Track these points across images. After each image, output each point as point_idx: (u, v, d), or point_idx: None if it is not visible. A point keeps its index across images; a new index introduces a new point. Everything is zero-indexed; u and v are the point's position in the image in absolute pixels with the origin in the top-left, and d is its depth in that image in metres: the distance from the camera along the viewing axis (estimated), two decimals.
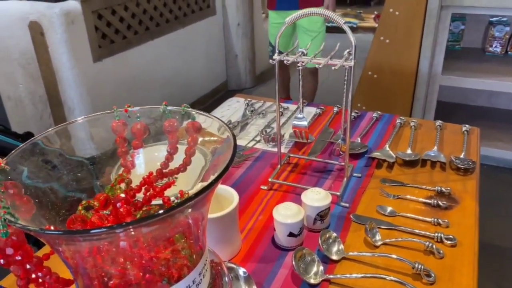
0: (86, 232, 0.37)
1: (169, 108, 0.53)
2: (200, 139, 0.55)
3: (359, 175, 0.99)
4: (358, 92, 2.55)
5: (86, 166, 0.55)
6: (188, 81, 3.32)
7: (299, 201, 0.82)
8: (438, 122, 1.19)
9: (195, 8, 3.24)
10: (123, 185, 0.52)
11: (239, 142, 1.17)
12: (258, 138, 1.18)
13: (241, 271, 0.69)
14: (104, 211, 0.48)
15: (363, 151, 1.08)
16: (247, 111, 1.34)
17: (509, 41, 2.47)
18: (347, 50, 0.84)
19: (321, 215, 0.81)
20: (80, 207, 0.47)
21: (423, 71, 2.25)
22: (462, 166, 0.99)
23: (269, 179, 0.96)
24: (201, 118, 0.52)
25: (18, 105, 2.52)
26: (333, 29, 5.56)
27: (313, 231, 0.82)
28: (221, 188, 0.79)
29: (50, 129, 0.51)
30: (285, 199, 0.92)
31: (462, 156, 1.03)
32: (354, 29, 5.04)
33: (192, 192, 0.51)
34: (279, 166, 1.01)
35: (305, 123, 0.94)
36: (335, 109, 1.33)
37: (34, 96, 2.44)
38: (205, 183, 0.40)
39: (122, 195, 0.50)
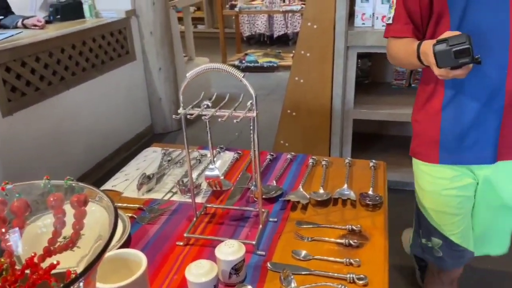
0: None
1: (52, 182, 0.50)
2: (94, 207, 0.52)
3: (275, 219, 1.00)
4: (280, 129, 2.62)
5: None
6: (112, 128, 3.23)
7: (215, 255, 0.80)
8: (347, 160, 1.25)
9: (113, 55, 3.20)
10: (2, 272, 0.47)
11: (155, 195, 1.14)
12: (174, 190, 1.16)
13: None
14: None
15: (278, 194, 1.10)
16: (163, 161, 1.32)
17: (411, 74, 2.69)
18: (250, 101, 0.86)
19: (236, 268, 0.80)
20: None
21: (337, 107, 2.37)
22: (370, 203, 1.03)
23: (185, 234, 0.94)
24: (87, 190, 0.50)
25: None
26: (256, 69, 5.73)
27: (229, 286, 0.81)
28: (129, 253, 0.75)
29: None
30: (201, 254, 0.90)
31: (370, 191, 1.08)
32: (275, 68, 5.24)
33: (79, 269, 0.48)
34: (195, 219, 0.99)
35: (216, 173, 0.94)
36: (252, 153, 1.35)
37: None
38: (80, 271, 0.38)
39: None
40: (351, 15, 2.35)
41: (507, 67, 0.96)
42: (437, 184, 1.12)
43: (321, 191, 1.10)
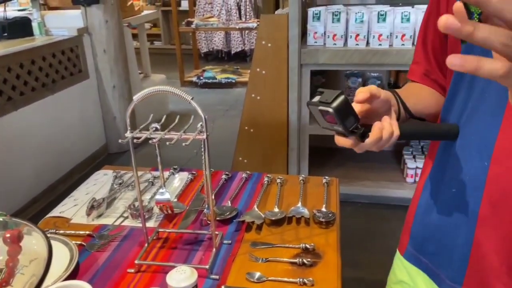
0: None
1: None
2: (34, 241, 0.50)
3: (229, 241, 0.99)
4: (238, 146, 2.62)
5: None
6: (64, 148, 3.12)
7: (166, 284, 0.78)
8: (302, 177, 1.27)
9: (65, 74, 3.11)
10: None
11: (106, 220, 1.11)
12: (126, 214, 1.12)
13: None
14: None
15: (233, 215, 1.09)
16: (115, 184, 1.28)
17: None
18: (200, 123, 0.86)
19: None
20: None
21: (293, 123, 2.41)
22: (323, 220, 1.04)
23: (136, 261, 0.91)
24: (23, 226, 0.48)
25: None
26: (214, 85, 5.74)
27: None
28: (74, 284, 0.72)
29: None
30: (153, 281, 0.87)
31: (323, 208, 1.10)
32: (233, 84, 5.27)
33: None
34: (146, 244, 0.97)
35: (167, 196, 0.93)
36: (204, 175, 1.33)
37: None
38: None
39: None
40: (303, 33, 2.41)
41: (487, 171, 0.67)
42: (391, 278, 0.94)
43: (276, 209, 1.10)
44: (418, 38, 0.87)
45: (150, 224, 1.07)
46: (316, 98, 0.67)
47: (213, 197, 0.98)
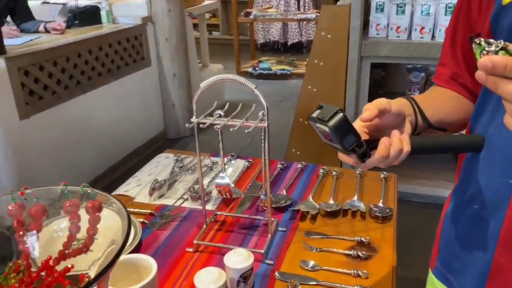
0: None
1: (69, 188, 0.52)
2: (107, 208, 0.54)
3: (284, 229, 1.01)
4: (292, 138, 2.63)
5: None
6: (124, 133, 3.27)
7: (223, 263, 0.81)
8: (358, 171, 1.25)
9: (129, 60, 3.25)
10: (20, 274, 0.49)
11: (167, 201, 1.16)
12: (185, 196, 1.17)
13: None
14: None
15: (288, 203, 1.11)
16: (175, 167, 1.33)
17: (425, 85, 2.69)
18: (262, 112, 0.88)
19: (244, 276, 0.80)
20: None
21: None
22: (380, 215, 1.03)
23: (194, 241, 0.95)
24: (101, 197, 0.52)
25: None
26: (269, 76, 5.74)
27: None
28: (140, 258, 0.77)
29: None
30: (210, 261, 0.91)
31: (380, 203, 1.08)
32: (288, 76, 5.26)
33: (91, 273, 0.50)
34: (205, 226, 1.01)
35: (227, 181, 0.96)
36: (262, 163, 1.36)
37: None
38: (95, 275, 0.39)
39: (17, 284, 0.48)
40: (365, 25, 2.36)
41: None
42: None
43: (331, 201, 1.10)
44: (445, 37, 0.78)
45: (208, 207, 1.11)
46: (315, 113, 0.64)
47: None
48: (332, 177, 1.24)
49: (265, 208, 1.06)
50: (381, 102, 0.66)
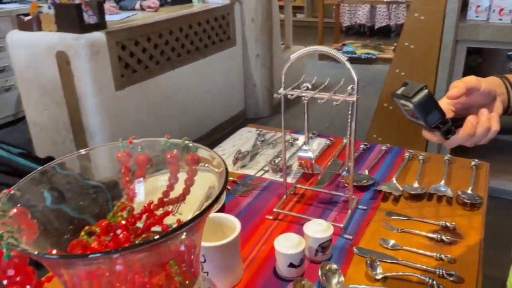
0: (82, 257, 0.40)
1: (171, 141, 0.56)
2: (202, 168, 0.57)
3: (365, 207, 1.00)
4: (374, 123, 2.56)
5: (95, 192, 0.59)
6: (207, 110, 3.39)
7: (302, 232, 0.83)
8: (447, 156, 1.20)
9: (215, 39, 3.35)
10: (124, 213, 0.55)
11: (248, 171, 1.20)
12: (266, 168, 1.20)
13: None
14: (105, 237, 0.51)
15: (369, 183, 1.09)
16: (257, 141, 1.37)
17: None
18: (351, 86, 0.87)
19: (323, 246, 0.82)
20: (82, 233, 0.50)
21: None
22: (468, 201, 0.98)
23: (274, 209, 0.98)
24: (201, 151, 0.55)
25: (43, 130, 2.62)
26: (353, 60, 5.62)
27: (315, 263, 0.83)
28: (225, 217, 0.81)
29: (63, 157, 0.55)
30: (289, 230, 0.93)
31: (469, 191, 1.03)
32: (373, 60, 5.09)
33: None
34: (285, 196, 1.03)
35: (310, 154, 0.97)
36: (345, 140, 1.34)
37: (58, 122, 2.54)
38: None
39: (123, 222, 0.53)
40: (463, 7, 2.20)
41: None
42: None
43: (416, 185, 1.07)
44: None
45: (288, 180, 1.13)
46: (400, 90, 0.63)
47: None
48: (418, 161, 1.20)
49: (347, 185, 1.05)
50: (470, 80, 0.63)
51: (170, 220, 0.57)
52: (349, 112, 0.89)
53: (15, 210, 0.44)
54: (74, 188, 0.56)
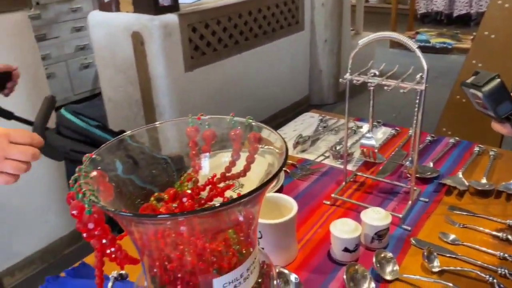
0: (153, 217, 0.44)
1: (235, 119, 0.59)
2: (262, 148, 0.60)
3: (426, 199, 0.98)
4: (445, 116, 2.44)
5: (163, 163, 0.63)
6: (271, 94, 3.42)
7: (359, 220, 0.83)
8: None
9: (284, 23, 3.34)
10: (190, 183, 0.58)
11: (308, 156, 1.21)
12: (327, 154, 1.20)
13: (293, 277, 0.73)
14: (172, 204, 0.55)
15: (433, 176, 1.06)
16: (319, 127, 1.37)
17: None
18: (420, 74, 0.84)
19: (379, 234, 0.81)
20: (152, 198, 0.54)
21: None
22: None
23: (332, 195, 0.98)
24: (264, 131, 0.58)
25: (117, 106, 2.79)
26: (426, 49, 5.34)
27: (370, 250, 0.83)
28: (283, 198, 0.83)
29: (136, 129, 0.60)
30: (346, 216, 0.93)
31: None
32: (449, 50, 4.82)
33: None
34: (344, 183, 1.03)
35: (373, 142, 0.96)
36: (411, 131, 1.31)
37: (130, 99, 2.69)
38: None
39: (189, 191, 0.57)
40: None
41: None
42: None
43: (483, 181, 1.02)
44: None
45: (349, 167, 1.12)
46: (470, 79, 0.61)
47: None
48: (489, 156, 1.14)
49: (409, 176, 1.03)
50: None
51: (231, 194, 0.60)
52: (417, 102, 0.87)
53: (95, 173, 0.49)
54: (145, 158, 0.60)
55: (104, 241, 0.46)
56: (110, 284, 0.72)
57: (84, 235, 0.46)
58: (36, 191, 1.96)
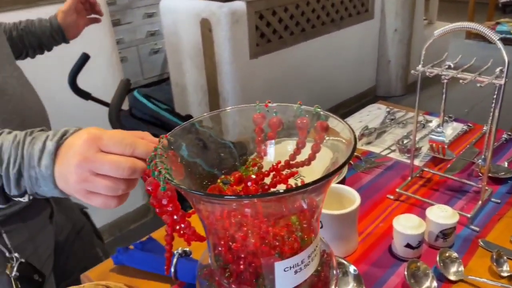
0: (221, 197, 0.46)
1: (303, 107, 0.59)
2: (327, 138, 0.60)
3: (498, 201, 0.93)
4: None
5: (228, 148, 0.65)
6: (336, 83, 3.36)
7: (423, 217, 0.81)
8: None
9: (353, 12, 3.26)
10: (255, 168, 0.60)
11: (373, 148, 1.18)
12: (393, 148, 1.17)
13: (352, 268, 0.73)
14: (237, 187, 0.57)
15: (508, 176, 1.00)
16: (386, 119, 1.33)
17: None
18: (500, 68, 0.79)
19: (444, 233, 0.79)
20: (219, 180, 0.56)
21: None
22: None
23: (397, 189, 0.96)
24: (331, 120, 0.57)
25: (183, 91, 2.89)
26: (507, 41, 4.98)
27: (433, 248, 0.80)
28: (345, 189, 0.83)
29: (205, 114, 0.62)
30: (410, 212, 0.91)
31: None
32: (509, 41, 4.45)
33: None
34: (409, 178, 1.00)
35: (443, 138, 0.92)
36: (485, 128, 1.24)
37: (196, 85, 2.77)
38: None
39: (253, 176, 0.58)
40: None
41: None
42: None
43: None
44: None
45: (416, 162, 1.09)
46: None
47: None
48: None
49: (481, 175, 0.98)
50: None
51: (294, 182, 0.61)
52: (494, 97, 0.82)
53: (169, 153, 0.51)
54: (213, 142, 0.63)
55: (175, 217, 0.48)
56: (175, 259, 0.76)
57: (157, 210, 0.49)
58: None
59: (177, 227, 0.51)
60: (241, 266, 0.51)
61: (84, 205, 1.11)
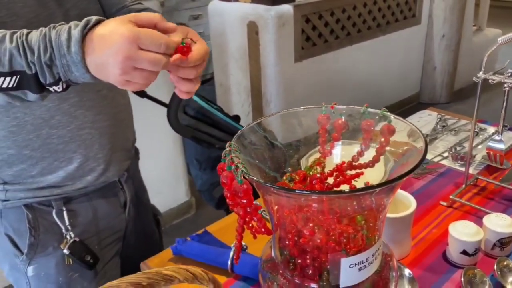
0: (290, 190, 0.49)
1: (369, 110, 0.61)
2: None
3: None
4: None
5: (276, 151, 0.67)
6: (379, 89, 3.32)
7: (479, 225, 0.80)
8: None
9: (399, 16, 3.22)
10: (319, 168, 0.62)
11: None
12: (445, 155, 1.16)
13: (407, 271, 0.73)
14: (302, 185, 0.59)
15: None
16: (438, 125, 1.32)
17: None
18: None
19: (502, 242, 0.78)
20: (285, 177, 0.59)
21: None
22: None
23: (451, 197, 0.95)
24: (398, 123, 0.59)
25: (227, 92, 2.94)
26: None
27: (489, 256, 0.79)
28: (400, 193, 0.83)
29: (270, 114, 0.65)
30: (464, 219, 0.90)
31: None
32: None
33: None
34: (464, 185, 0.99)
35: (502, 146, 0.91)
36: None
37: (240, 86, 2.81)
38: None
39: (318, 175, 0.60)
40: None
41: None
42: None
43: None
44: None
45: (469, 170, 1.07)
46: None
47: None
48: None
49: None
50: None
51: (357, 183, 0.62)
52: None
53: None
54: (276, 140, 0.65)
55: (248, 209, 0.51)
56: (231, 253, 0.78)
57: (230, 202, 0.52)
58: (157, 166, 2.16)
59: (247, 219, 0.53)
60: (308, 261, 0.53)
61: (158, 212, 1.14)
